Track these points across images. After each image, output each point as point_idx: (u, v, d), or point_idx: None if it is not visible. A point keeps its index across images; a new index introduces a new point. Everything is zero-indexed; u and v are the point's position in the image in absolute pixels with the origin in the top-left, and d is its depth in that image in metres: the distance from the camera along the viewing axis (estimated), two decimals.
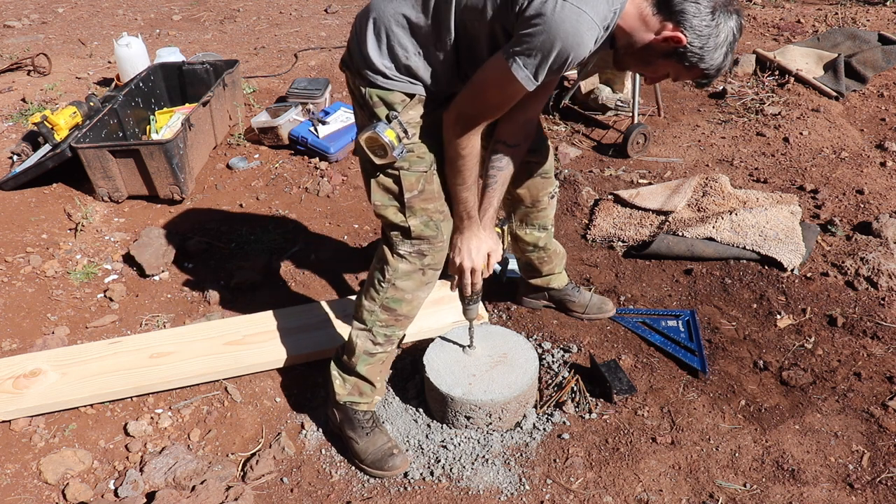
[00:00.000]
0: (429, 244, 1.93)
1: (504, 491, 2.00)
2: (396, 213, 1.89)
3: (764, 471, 2.03)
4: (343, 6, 6.72)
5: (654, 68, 1.71)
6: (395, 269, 1.94)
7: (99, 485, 2.06)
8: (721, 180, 3.34)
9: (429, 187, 1.89)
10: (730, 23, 1.61)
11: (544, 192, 2.30)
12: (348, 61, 1.89)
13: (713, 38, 1.60)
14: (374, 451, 2.05)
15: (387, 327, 2.02)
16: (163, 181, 3.35)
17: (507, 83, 1.64)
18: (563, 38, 1.52)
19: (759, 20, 5.62)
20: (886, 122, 3.99)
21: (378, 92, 1.81)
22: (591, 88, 4.11)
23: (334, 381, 2.10)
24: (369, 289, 2.01)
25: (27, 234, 3.21)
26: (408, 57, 1.76)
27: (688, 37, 1.59)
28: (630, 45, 1.66)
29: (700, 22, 1.58)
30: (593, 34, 1.55)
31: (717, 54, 1.62)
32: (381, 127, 1.78)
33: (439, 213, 1.92)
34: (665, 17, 1.59)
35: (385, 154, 1.80)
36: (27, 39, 5.99)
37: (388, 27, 1.75)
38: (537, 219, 2.36)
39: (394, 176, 1.86)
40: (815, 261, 2.88)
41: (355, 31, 1.85)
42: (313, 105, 4.08)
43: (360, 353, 2.04)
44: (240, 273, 2.90)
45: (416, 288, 1.98)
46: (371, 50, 1.78)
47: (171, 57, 4.48)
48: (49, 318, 2.73)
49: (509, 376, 2.18)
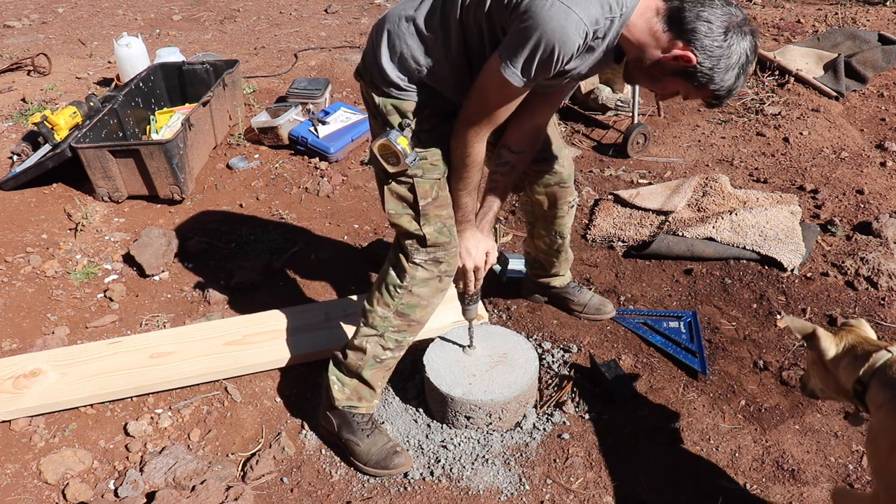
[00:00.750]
0: (444, 251, 1.94)
1: (504, 491, 2.00)
2: (411, 221, 1.90)
3: (764, 471, 2.03)
4: (343, 6, 6.72)
5: (662, 85, 1.68)
6: (412, 277, 1.94)
7: (99, 485, 2.06)
8: (721, 180, 3.34)
9: (442, 193, 1.90)
10: (743, 44, 1.55)
11: (563, 200, 2.31)
12: (363, 71, 1.89)
13: (724, 60, 1.55)
14: (377, 451, 2.05)
15: (399, 332, 2.02)
16: (163, 181, 3.35)
17: (500, 84, 1.64)
18: (548, 34, 1.51)
19: (759, 20, 5.62)
20: (886, 122, 3.99)
21: (392, 101, 1.82)
22: (591, 88, 4.11)
23: (332, 386, 2.09)
24: (382, 295, 2.00)
25: (27, 234, 3.21)
26: (420, 68, 1.78)
27: (698, 57, 1.54)
28: (639, 59, 1.64)
29: (711, 42, 1.53)
30: (580, 33, 1.54)
31: (729, 76, 1.58)
32: (393, 134, 1.79)
33: (451, 218, 1.94)
34: (675, 34, 1.56)
35: (398, 162, 1.81)
36: (27, 39, 5.99)
37: (402, 39, 1.77)
38: (555, 226, 2.37)
39: (408, 184, 1.86)
40: (815, 261, 2.88)
41: (371, 43, 1.86)
42: (313, 105, 4.08)
43: (368, 358, 2.03)
44: (240, 273, 2.90)
45: (432, 294, 1.99)
46: (385, 61, 1.80)
47: (171, 57, 4.47)
48: (49, 318, 2.73)
49: (509, 376, 2.18)
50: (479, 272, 2.07)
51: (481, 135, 1.78)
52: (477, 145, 1.80)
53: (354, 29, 5.95)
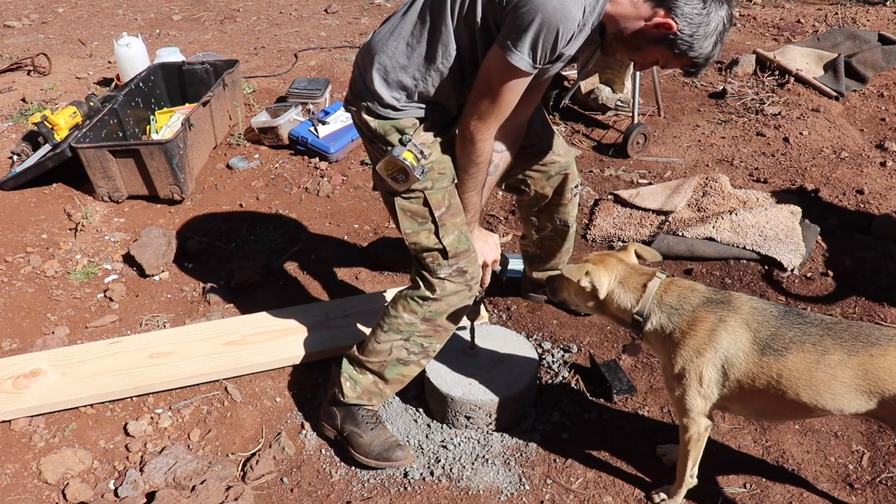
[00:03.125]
0: (466, 259, 1.94)
1: (504, 491, 2.00)
2: (430, 235, 1.90)
3: (764, 471, 2.03)
4: (343, 6, 6.72)
5: (643, 54, 1.72)
6: (442, 290, 1.94)
7: (99, 485, 2.06)
8: (721, 180, 3.34)
9: (454, 201, 1.91)
10: (720, 12, 1.62)
11: (567, 187, 2.32)
12: (353, 101, 1.90)
13: (703, 27, 1.61)
14: (379, 443, 2.05)
15: (425, 338, 2.01)
16: (163, 181, 3.35)
17: (508, 73, 1.66)
18: (549, 13, 1.54)
19: (759, 20, 5.62)
20: (886, 122, 3.98)
21: (390, 122, 1.84)
22: (591, 88, 4.10)
23: (344, 383, 2.08)
24: (408, 303, 1.99)
25: (27, 234, 3.22)
26: (416, 83, 1.79)
27: (678, 23, 1.60)
28: (619, 31, 1.68)
29: (691, 10, 1.59)
30: (580, 7, 1.57)
31: (707, 43, 1.64)
32: (397, 150, 1.80)
33: (465, 224, 1.95)
34: (656, 3, 1.61)
35: (407, 177, 1.81)
36: (27, 39, 5.99)
37: (393, 60, 1.79)
38: (560, 213, 2.38)
39: (420, 198, 1.87)
40: (815, 261, 2.88)
41: (359, 71, 1.88)
42: (313, 105, 4.08)
43: (392, 360, 2.03)
44: (240, 273, 2.90)
45: (460, 302, 1.99)
46: (379, 87, 1.81)
47: (171, 57, 4.47)
48: (49, 318, 2.73)
49: (509, 376, 2.18)
50: (495, 264, 2.11)
51: (490, 131, 1.79)
52: (487, 142, 1.81)
53: (354, 29, 5.95)
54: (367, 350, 2.06)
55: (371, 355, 2.04)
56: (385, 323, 2.02)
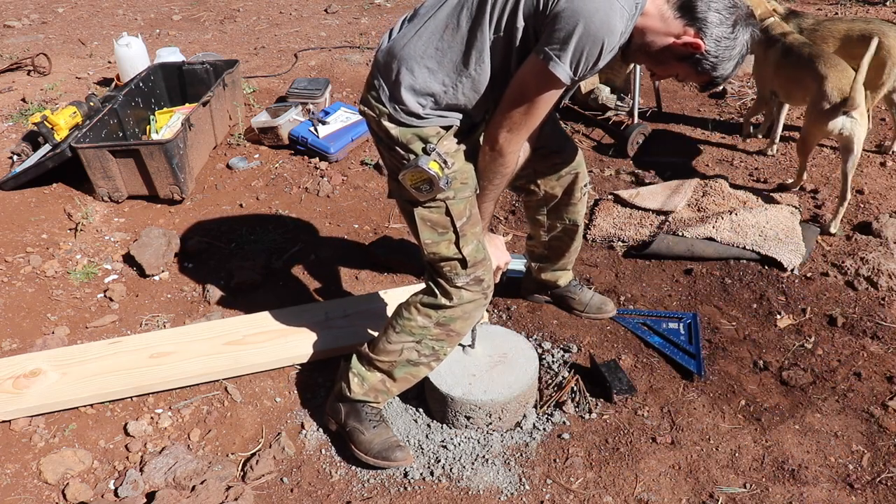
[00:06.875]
0: (482, 267, 1.94)
1: (504, 491, 2.00)
2: (449, 245, 1.88)
3: (764, 471, 2.03)
4: (343, 6, 6.72)
5: (665, 68, 1.73)
6: (459, 298, 1.94)
7: (99, 485, 2.06)
8: (721, 180, 3.34)
9: (474, 211, 1.90)
10: (745, 36, 1.65)
11: (577, 186, 2.32)
12: (372, 105, 1.83)
13: (729, 50, 1.64)
14: (380, 442, 2.05)
15: (437, 341, 2.01)
16: (163, 181, 3.35)
17: (546, 83, 1.63)
18: (595, 25, 1.53)
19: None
20: (886, 121, 3.98)
21: (413, 130, 1.79)
22: (591, 88, 4.10)
23: (352, 379, 2.08)
24: (421, 309, 1.98)
25: (27, 234, 3.22)
26: (445, 91, 1.75)
27: (706, 44, 1.61)
28: (646, 44, 1.67)
29: (721, 32, 1.61)
30: (624, 20, 1.56)
31: (730, 65, 1.67)
32: (423, 160, 1.75)
33: (481, 233, 1.95)
34: (687, 21, 1.62)
35: (431, 188, 1.77)
36: (27, 39, 5.99)
37: (421, 66, 1.73)
38: (569, 212, 2.38)
39: (441, 207, 1.84)
40: (815, 261, 2.88)
41: (381, 75, 1.81)
42: (313, 105, 4.08)
43: (402, 360, 2.02)
44: (240, 273, 2.90)
45: (475, 309, 1.99)
46: (404, 93, 1.75)
47: (171, 57, 4.48)
48: (49, 318, 2.73)
49: (509, 376, 2.18)
50: (506, 266, 2.14)
51: (519, 143, 1.77)
52: (515, 154, 1.79)
53: (354, 29, 5.95)
54: (377, 349, 2.05)
55: (382, 354, 2.04)
56: (398, 324, 2.02)
